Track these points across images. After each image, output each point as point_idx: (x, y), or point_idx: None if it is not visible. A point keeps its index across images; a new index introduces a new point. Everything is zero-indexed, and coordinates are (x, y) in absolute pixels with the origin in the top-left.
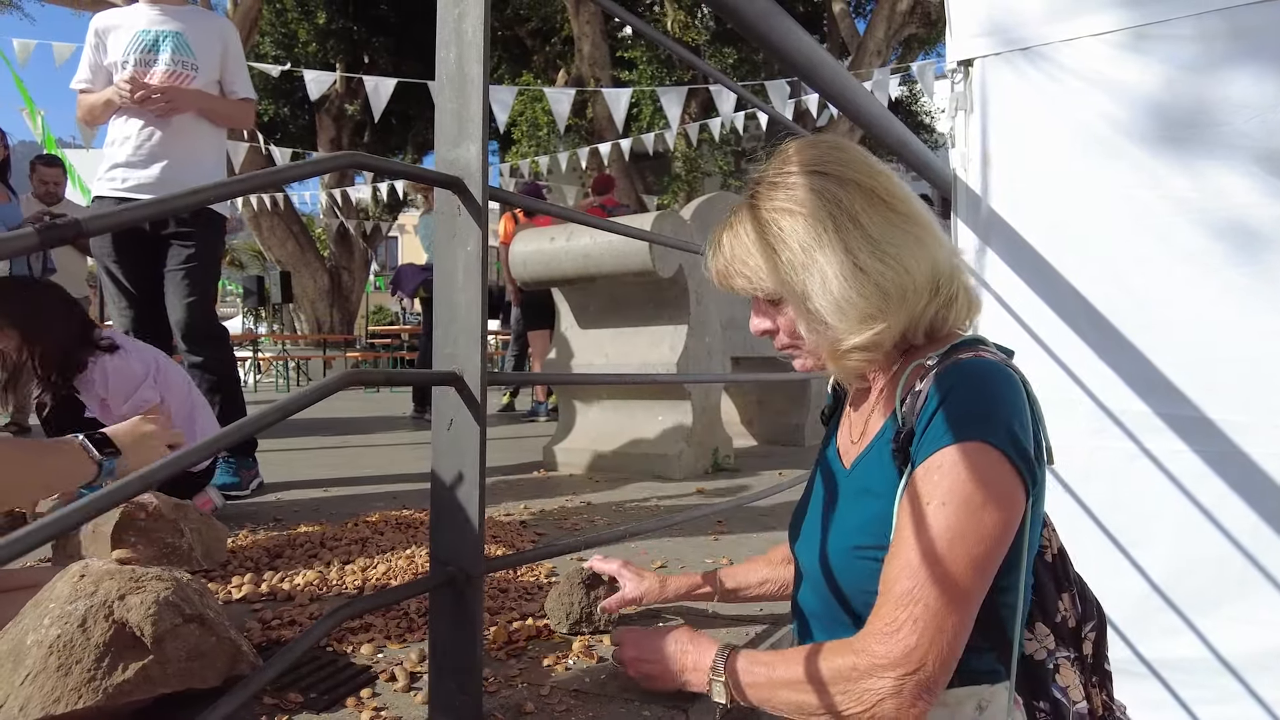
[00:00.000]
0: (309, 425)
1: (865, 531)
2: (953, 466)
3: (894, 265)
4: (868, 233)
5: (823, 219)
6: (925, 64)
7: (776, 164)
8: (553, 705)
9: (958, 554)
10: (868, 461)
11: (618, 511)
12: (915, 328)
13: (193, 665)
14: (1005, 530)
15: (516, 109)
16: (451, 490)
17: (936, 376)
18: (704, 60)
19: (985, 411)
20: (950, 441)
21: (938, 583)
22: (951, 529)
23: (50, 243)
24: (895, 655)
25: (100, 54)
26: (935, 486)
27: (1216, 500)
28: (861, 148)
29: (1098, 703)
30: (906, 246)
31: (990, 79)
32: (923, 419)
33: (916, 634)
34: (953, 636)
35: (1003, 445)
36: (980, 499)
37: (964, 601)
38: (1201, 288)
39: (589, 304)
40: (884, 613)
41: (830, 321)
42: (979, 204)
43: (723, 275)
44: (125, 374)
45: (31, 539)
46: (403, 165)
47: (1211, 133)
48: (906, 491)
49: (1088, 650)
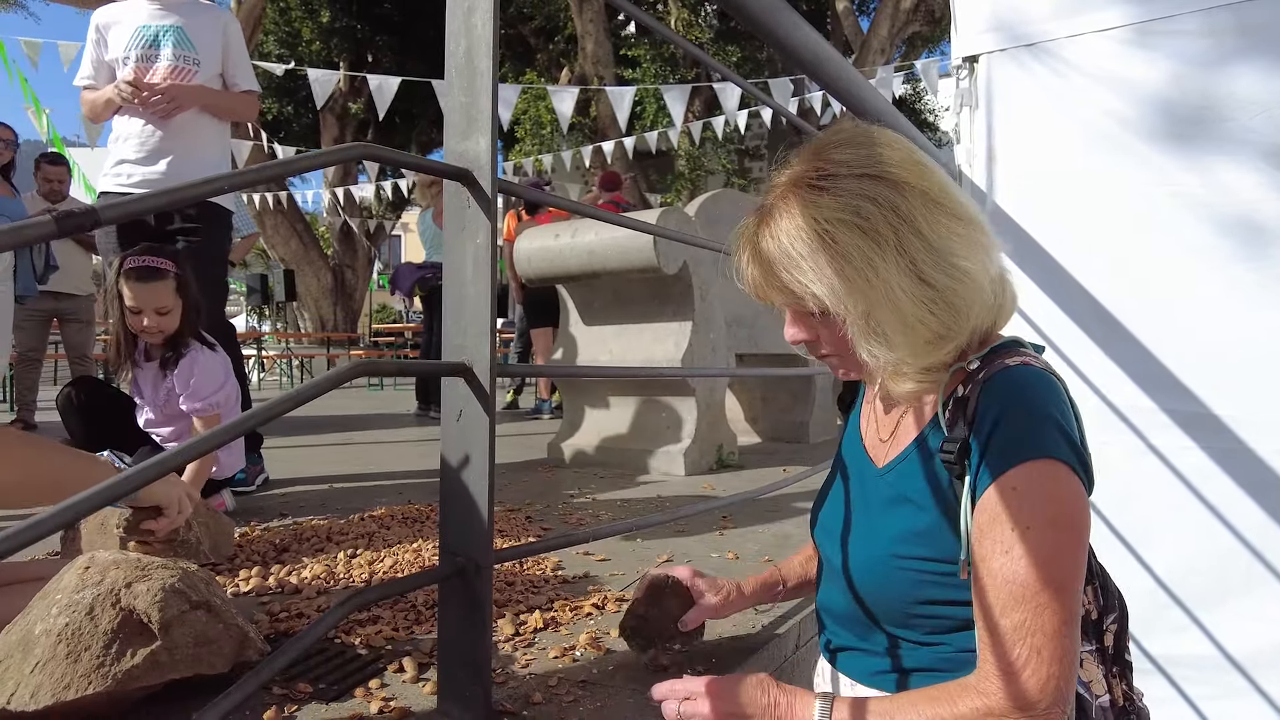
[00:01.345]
0: (313, 423)
1: (910, 542)
2: (1029, 487)
3: (961, 278)
4: (930, 243)
5: (884, 231)
6: (929, 62)
7: (814, 162)
8: (560, 696)
9: (1057, 577)
10: (904, 469)
11: (623, 507)
12: (975, 340)
13: (201, 651)
14: (1085, 543)
15: (520, 107)
16: (461, 481)
17: (984, 386)
18: (709, 56)
19: (1046, 426)
20: (1020, 460)
21: (1048, 609)
22: (1043, 552)
23: (67, 231)
24: (1031, 691)
25: (102, 49)
26: (1017, 510)
27: (1223, 497)
28: (902, 138)
29: (1119, 693)
30: (971, 254)
31: (995, 75)
32: (979, 433)
33: (1045, 665)
34: (1073, 659)
35: (1069, 459)
36: (1065, 518)
37: (1073, 622)
38: (1208, 284)
39: (594, 300)
40: (1001, 650)
41: (896, 340)
42: (984, 200)
43: (760, 287)
44: (210, 373)
45: (36, 530)
46: (413, 157)
47: (1218, 128)
48: (979, 518)
49: (1109, 642)
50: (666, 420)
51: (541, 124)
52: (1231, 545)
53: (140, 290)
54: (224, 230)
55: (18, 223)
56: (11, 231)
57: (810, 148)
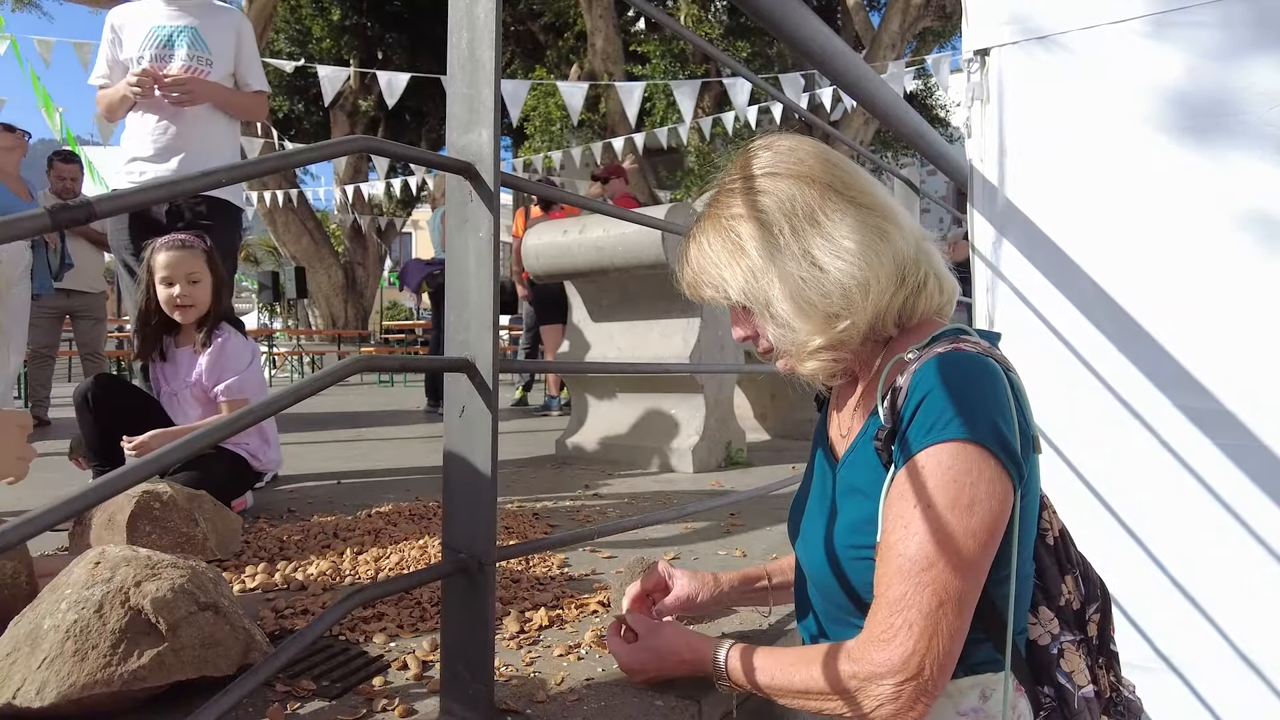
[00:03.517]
0: (323, 419)
1: (859, 531)
2: (936, 467)
3: (854, 260)
4: (825, 230)
5: (779, 222)
6: (940, 57)
7: (734, 170)
8: (565, 695)
9: (947, 557)
10: (854, 460)
11: (630, 504)
12: (883, 320)
13: (207, 653)
14: (994, 528)
15: (529, 104)
16: (464, 477)
17: (920, 371)
18: (719, 51)
19: (966, 408)
20: (933, 441)
21: (929, 587)
22: (939, 532)
23: (62, 224)
24: (894, 662)
25: (117, 49)
26: (920, 488)
27: (1236, 494)
28: (820, 143)
29: (1105, 684)
30: (867, 239)
31: (1007, 68)
32: (904, 416)
33: (913, 639)
34: (949, 639)
35: (985, 441)
36: (966, 500)
37: (957, 604)
38: (1223, 279)
39: (601, 297)
40: (879, 619)
41: (794, 325)
42: (995, 195)
43: (692, 287)
44: (236, 354)
45: (39, 523)
46: (414, 149)
47: (1235, 122)
48: (890, 492)
49: (1092, 632)
50: (674, 417)
51: (551, 120)
52: (1245, 542)
53: (172, 258)
54: (234, 227)
55: (12, 215)
56: (6, 224)
57: (736, 158)
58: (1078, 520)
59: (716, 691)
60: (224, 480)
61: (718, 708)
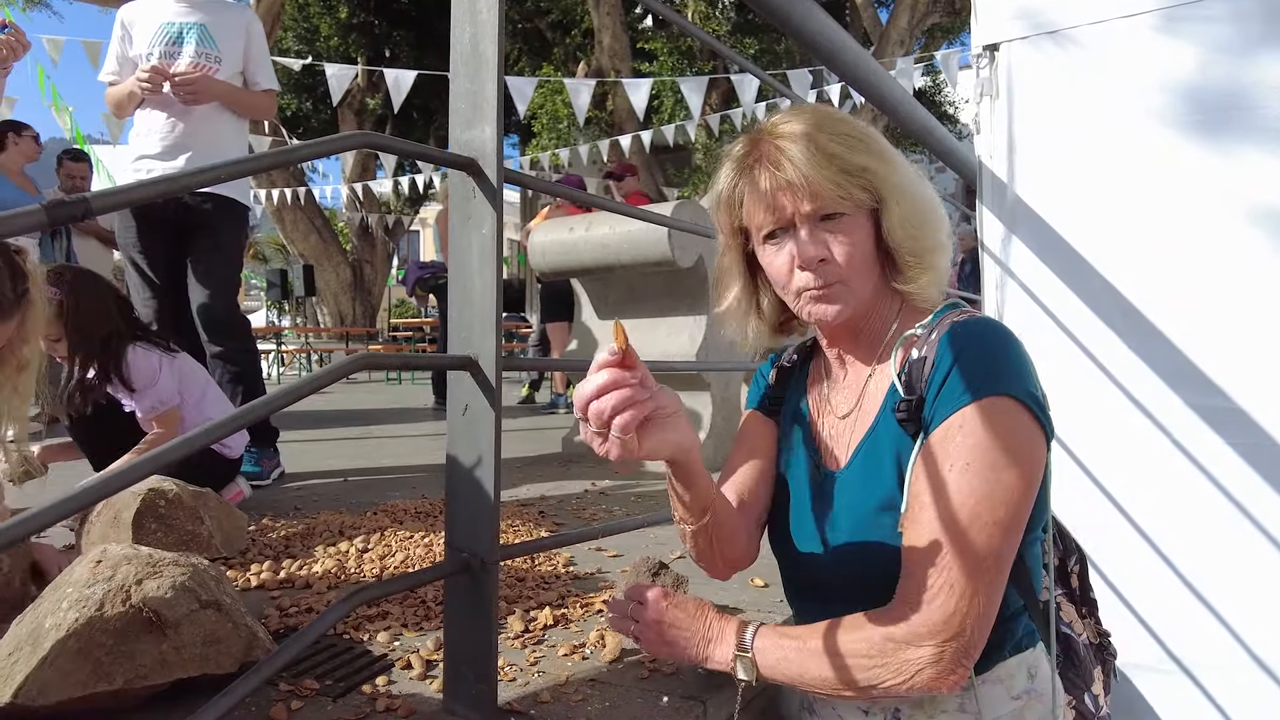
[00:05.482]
0: (331, 417)
1: (891, 509)
2: (974, 426)
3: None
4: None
5: (882, 139)
6: (949, 53)
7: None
8: (569, 694)
9: (986, 516)
10: (874, 441)
11: (636, 502)
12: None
13: (209, 651)
14: (1031, 485)
15: (536, 101)
16: (467, 476)
17: (944, 337)
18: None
19: (1001, 365)
20: (969, 400)
21: (970, 546)
22: (977, 490)
23: (58, 220)
24: (935, 622)
25: (126, 45)
26: (958, 448)
27: (1248, 492)
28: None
29: (1091, 632)
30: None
31: (1016, 64)
32: (934, 383)
33: (954, 599)
34: (988, 599)
35: (1021, 396)
36: (1005, 458)
37: (997, 563)
38: (1234, 275)
39: (608, 294)
40: (915, 581)
41: (926, 222)
42: (1005, 191)
43: (811, 179)
44: (138, 373)
45: (41, 520)
46: (415, 145)
47: (1246, 116)
48: (922, 455)
49: (1075, 584)
50: None
51: (558, 118)
52: (1258, 542)
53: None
54: (239, 225)
55: (8, 211)
56: (1, 220)
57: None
58: (1087, 517)
59: (722, 693)
60: (195, 474)
61: (723, 709)
